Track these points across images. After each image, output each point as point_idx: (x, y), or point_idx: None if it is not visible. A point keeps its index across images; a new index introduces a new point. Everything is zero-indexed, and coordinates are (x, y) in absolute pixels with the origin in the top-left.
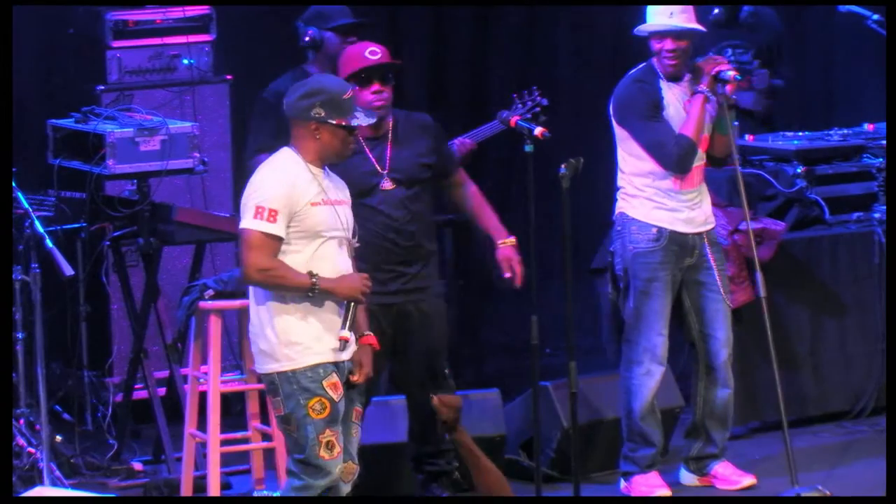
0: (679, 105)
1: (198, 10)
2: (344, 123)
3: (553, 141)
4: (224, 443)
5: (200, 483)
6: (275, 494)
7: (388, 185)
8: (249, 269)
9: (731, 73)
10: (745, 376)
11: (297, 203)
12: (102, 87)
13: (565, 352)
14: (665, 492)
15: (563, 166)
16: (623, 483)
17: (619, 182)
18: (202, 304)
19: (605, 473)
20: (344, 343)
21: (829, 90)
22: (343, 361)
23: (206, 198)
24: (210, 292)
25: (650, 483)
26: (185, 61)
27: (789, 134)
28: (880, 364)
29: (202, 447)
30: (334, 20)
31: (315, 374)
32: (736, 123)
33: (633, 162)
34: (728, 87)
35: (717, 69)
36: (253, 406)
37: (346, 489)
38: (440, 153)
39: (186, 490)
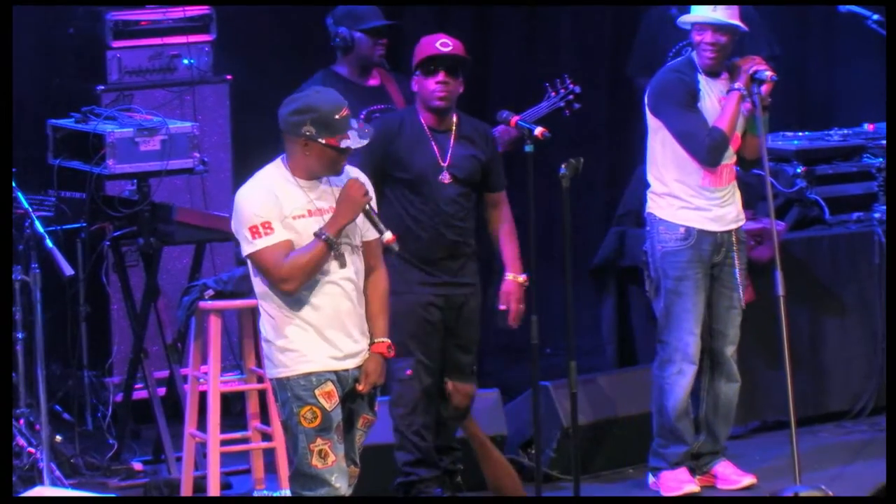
0: (715, 100)
1: (198, 10)
2: (333, 144)
3: (553, 141)
4: (224, 443)
5: (200, 483)
6: (275, 494)
7: (446, 178)
8: (279, 285)
9: (769, 74)
10: (745, 377)
11: (281, 213)
12: (102, 87)
13: (565, 352)
14: (693, 487)
15: (563, 166)
16: (651, 478)
17: (648, 178)
18: (202, 304)
19: (607, 473)
20: (393, 243)
21: (829, 90)
22: (348, 370)
23: (206, 198)
24: (210, 292)
25: (679, 478)
26: (186, 61)
27: (789, 134)
28: (880, 364)
29: (202, 447)
30: (366, 21)
31: (308, 382)
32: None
33: (663, 155)
34: (764, 88)
35: (754, 68)
36: (253, 406)
37: (346, 492)
38: (492, 164)
39: (186, 490)
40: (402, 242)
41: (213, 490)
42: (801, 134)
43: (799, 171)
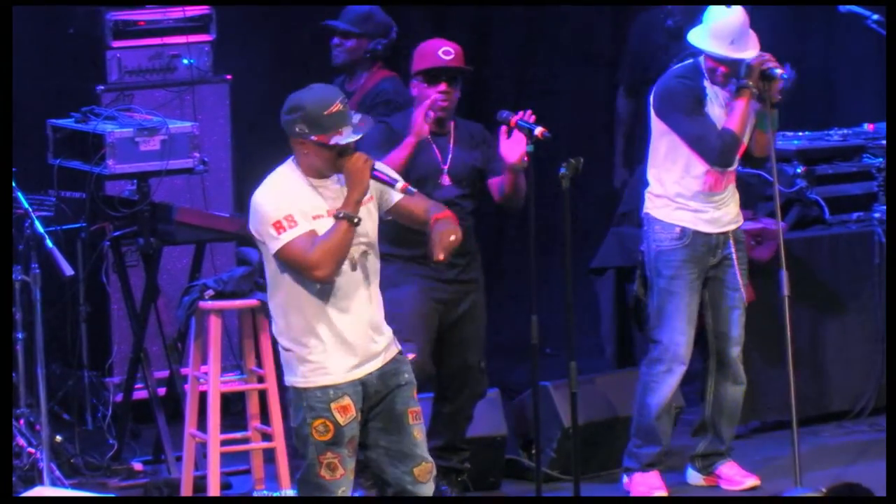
0: (720, 105)
1: (198, 10)
2: (323, 141)
3: (554, 140)
4: (224, 443)
5: (200, 483)
6: (275, 494)
7: (446, 180)
8: (312, 273)
9: (780, 71)
10: (747, 377)
11: (301, 209)
12: (102, 87)
13: (565, 352)
14: (662, 493)
15: (562, 166)
16: (625, 479)
17: (648, 178)
18: (202, 304)
19: (607, 473)
20: (407, 189)
21: (829, 90)
22: (371, 373)
23: (206, 198)
24: (210, 292)
25: (649, 483)
26: (185, 61)
27: (789, 134)
28: (880, 364)
29: (202, 447)
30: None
31: (325, 395)
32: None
33: (666, 158)
34: (774, 85)
35: (765, 65)
36: (253, 406)
37: (427, 489)
38: (491, 163)
39: (186, 490)
40: (403, 244)
41: (214, 490)
42: (801, 134)
43: (799, 170)
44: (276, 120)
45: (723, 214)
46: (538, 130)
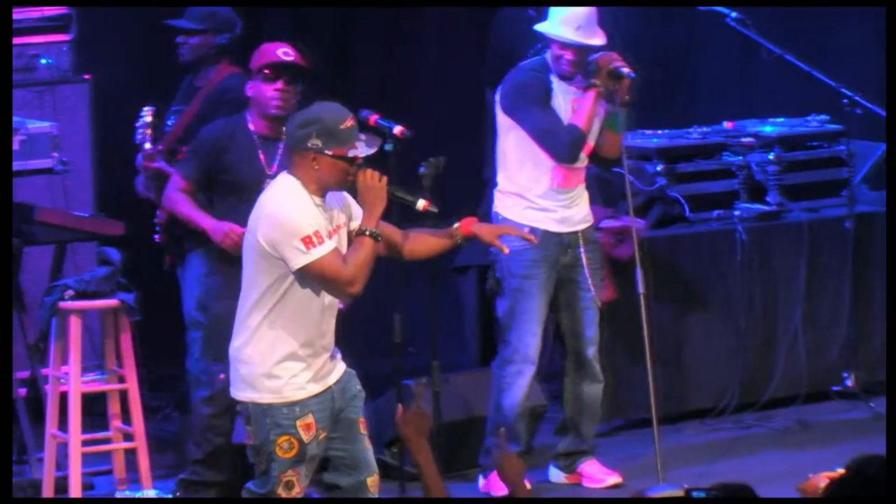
0: (568, 101)
1: (57, 10)
2: (341, 154)
3: (414, 139)
4: (86, 443)
5: (63, 484)
6: (136, 495)
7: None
8: (345, 289)
9: (627, 70)
10: (609, 374)
11: (323, 226)
12: None
13: (428, 350)
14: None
15: (423, 165)
16: (482, 480)
17: (497, 177)
18: (63, 304)
19: (473, 471)
20: (429, 207)
21: (689, 88)
22: (330, 387)
23: (67, 198)
24: (71, 292)
25: None
26: (44, 61)
27: (649, 132)
28: (743, 361)
29: (64, 447)
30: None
31: (291, 411)
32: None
33: (514, 156)
34: (624, 85)
35: (613, 65)
36: (114, 406)
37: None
38: None
39: (48, 491)
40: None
41: (75, 491)
42: (660, 132)
43: (659, 168)
44: (136, 118)
45: (573, 213)
46: (398, 129)
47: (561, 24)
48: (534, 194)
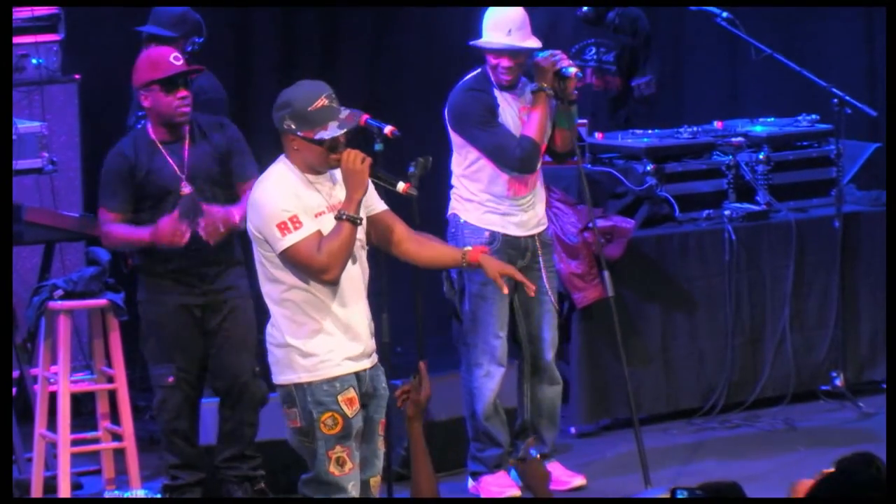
0: (514, 111)
1: (46, 9)
2: (309, 137)
3: (402, 139)
4: (74, 443)
5: (51, 483)
6: (125, 495)
7: (186, 188)
8: (319, 276)
9: (574, 70)
10: (595, 374)
11: (305, 208)
12: None
13: (416, 350)
14: (515, 492)
15: (411, 164)
16: (471, 483)
17: (454, 182)
18: (51, 304)
19: (461, 470)
20: (410, 188)
21: (678, 88)
22: (366, 370)
23: (56, 197)
24: (59, 292)
25: (500, 483)
26: (34, 61)
27: (639, 132)
28: (731, 361)
29: (53, 447)
30: None
31: (331, 387)
32: (584, 120)
33: (467, 167)
34: (570, 83)
35: (558, 65)
36: (103, 406)
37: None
38: (232, 154)
39: (37, 491)
40: (155, 260)
41: (64, 491)
42: (650, 132)
43: (649, 168)
44: (125, 119)
45: (529, 217)
46: (388, 129)
47: (491, 31)
48: (492, 199)
